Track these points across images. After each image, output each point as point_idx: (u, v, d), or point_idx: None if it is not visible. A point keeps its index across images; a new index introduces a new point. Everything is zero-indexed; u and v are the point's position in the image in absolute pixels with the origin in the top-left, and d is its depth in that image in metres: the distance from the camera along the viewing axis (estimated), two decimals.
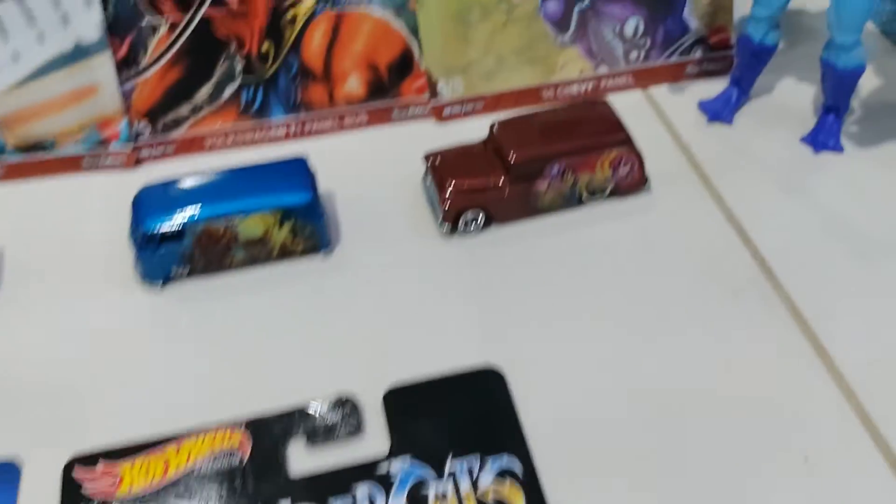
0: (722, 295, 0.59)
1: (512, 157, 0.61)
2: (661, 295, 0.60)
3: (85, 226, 0.67)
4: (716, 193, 0.66)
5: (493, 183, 0.62)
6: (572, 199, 0.64)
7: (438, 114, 0.73)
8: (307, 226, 0.60)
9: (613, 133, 0.63)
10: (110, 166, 0.70)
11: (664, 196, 0.66)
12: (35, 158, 0.69)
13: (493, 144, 0.64)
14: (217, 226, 0.59)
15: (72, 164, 0.70)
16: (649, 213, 0.65)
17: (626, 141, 0.63)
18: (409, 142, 0.72)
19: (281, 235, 0.60)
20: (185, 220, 0.58)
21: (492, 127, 0.64)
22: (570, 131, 0.63)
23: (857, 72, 0.65)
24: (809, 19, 0.81)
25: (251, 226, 0.59)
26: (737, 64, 0.71)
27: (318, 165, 0.67)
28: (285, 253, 0.62)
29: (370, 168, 0.70)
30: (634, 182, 0.65)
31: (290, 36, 0.69)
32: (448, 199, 0.62)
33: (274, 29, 0.69)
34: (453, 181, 0.62)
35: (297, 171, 0.61)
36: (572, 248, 0.63)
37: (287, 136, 0.72)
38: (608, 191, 0.65)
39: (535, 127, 0.63)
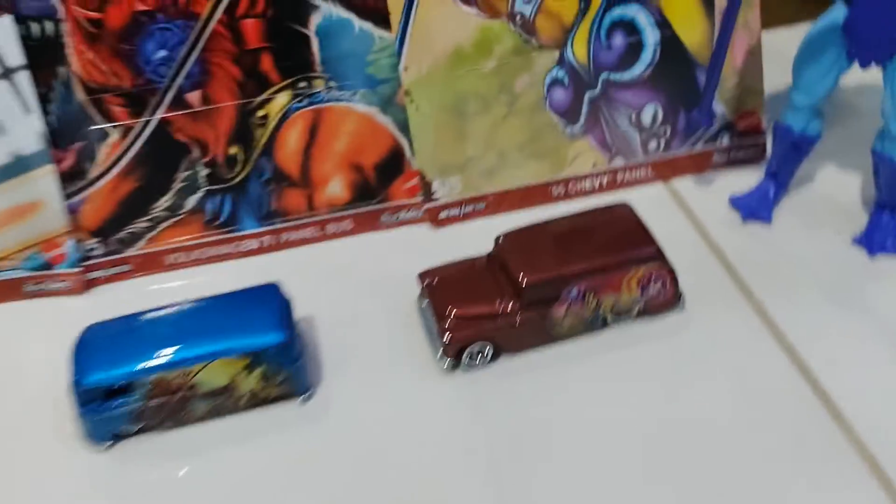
0: (777, 436, 0.50)
1: (523, 280, 0.52)
2: (701, 435, 0.50)
3: (24, 365, 0.57)
4: (760, 308, 0.57)
5: (502, 310, 0.53)
6: (595, 324, 0.55)
7: (434, 217, 0.64)
8: (281, 370, 0.51)
9: (641, 247, 0.54)
10: (56, 291, 0.61)
11: (700, 313, 0.57)
12: None
13: (500, 262, 0.54)
14: (172, 376, 0.49)
15: (11, 291, 0.60)
16: (684, 334, 0.55)
17: (657, 256, 0.54)
18: (402, 250, 0.63)
19: (249, 383, 0.51)
20: (133, 373, 0.48)
21: (497, 240, 0.55)
22: (590, 246, 0.54)
23: None
24: (853, 95, 0.72)
25: (213, 374, 0.50)
26: (773, 155, 0.62)
27: (295, 283, 0.58)
28: (255, 402, 0.52)
29: (356, 285, 0.61)
30: (666, 301, 0.55)
31: (262, 138, 0.60)
32: (449, 331, 0.52)
33: (242, 130, 0.60)
34: (454, 310, 0.53)
35: (268, 304, 0.52)
36: (596, 379, 0.53)
37: (260, 248, 0.63)
38: (635, 311, 0.55)
39: (548, 240, 0.54)
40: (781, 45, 0.69)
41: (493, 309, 0.53)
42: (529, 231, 0.55)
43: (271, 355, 0.50)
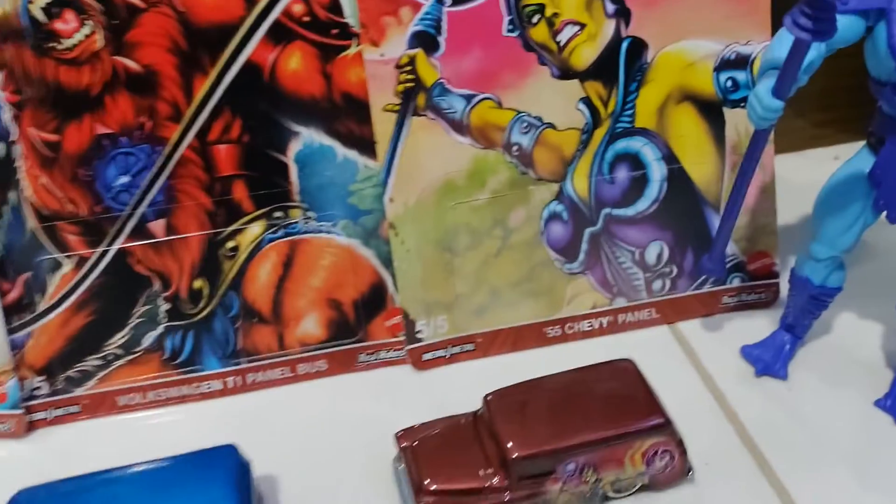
0: None
1: (514, 454, 0.46)
2: None
3: None
4: (778, 483, 0.51)
5: (488, 486, 0.47)
6: (593, 500, 0.48)
7: (417, 359, 0.58)
8: None
9: (647, 416, 0.48)
10: None
11: (711, 487, 0.51)
12: None
13: (488, 426, 0.48)
14: None
15: None
16: None
17: (665, 427, 0.48)
18: (381, 395, 0.57)
19: None
20: None
21: (486, 399, 0.49)
22: (589, 413, 0.48)
23: None
24: (876, 237, 0.68)
25: None
26: (790, 307, 0.57)
27: (260, 432, 0.52)
28: None
29: (328, 436, 0.54)
30: (674, 475, 0.49)
31: (231, 270, 0.55)
32: None
33: (209, 263, 0.55)
34: (433, 484, 0.47)
35: (221, 474, 0.45)
36: None
37: (224, 390, 0.57)
38: (638, 486, 0.49)
39: (542, 404, 0.48)
40: (791, 174, 0.65)
41: (478, 483, 0.47)
42: (522, 391, 0.50)
43: None
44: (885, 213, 0.50)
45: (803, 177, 0.63)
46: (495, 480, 0.47)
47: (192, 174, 0.53)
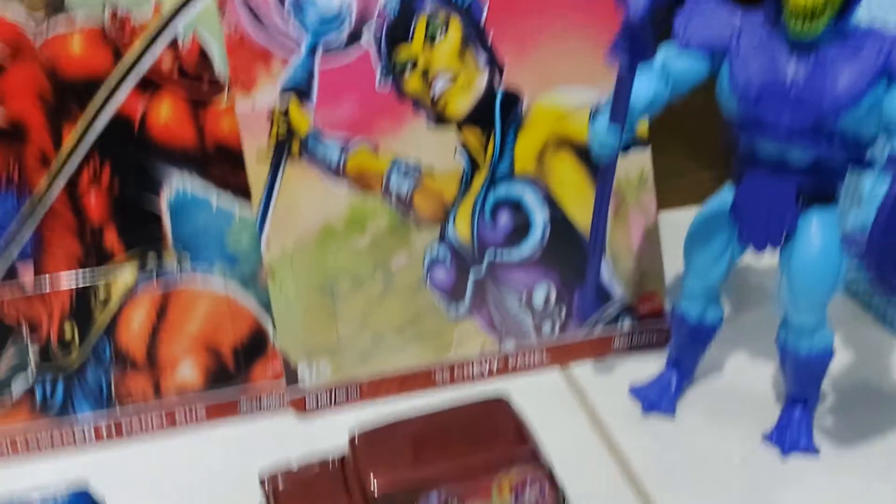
0: None
1: (373, 486, 0.45)
2: None
3: None
4: None
5: None
6: None
7: (300, 405, 0.57)
8: None
9: (513, 445, 0.47)
10: None
11: None
12: None
13: (353, 465, 0.47)
14: None
15: None
16: None
17: (531, 457, 0.47)
18: (261, 442, 0.56)
19: None
20: None
21: (352, 439, 0.48)
22: (455, 445, 0.47)
23: (824, 358, 0.51)
24: (761, 277, 0.68)
25: None
26: (673, 344, 0.57)
27: (134, 483, 0.51)
28: None
29: (199, 485, 0.53)
30: None
31: (103, 319, 0.54)
32: None
33: (80, 310, 0.54)
34: None
35: None
36: None
37: (98, 437, 0.55)
38: None
39: (407, 439, 0.47)
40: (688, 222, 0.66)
41: None
42: (389, 428, 0.48)
43: None
44: (750, 243, 0.51)
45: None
46: None
47: (63, 222, 0.53)
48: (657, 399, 0.56)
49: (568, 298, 0.60)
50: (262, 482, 0.48)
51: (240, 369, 0.57)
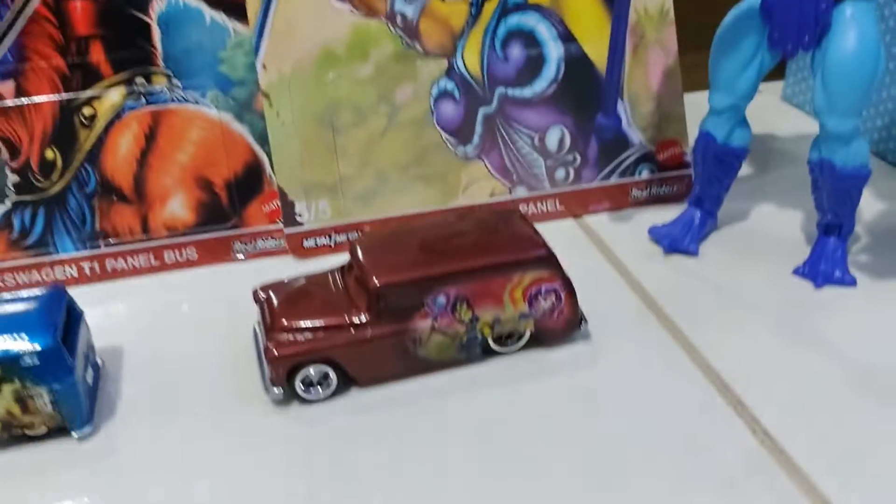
0: (715, 489, 0.37)
1: (375, 283, 0.41)
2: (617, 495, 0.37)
3: None
4: (686, 343, 0.45)
5: (348, 322, 0.41)
6: (472, 348, 0.43)
7: (297, 246, 0.54)
8: (43, 390, 0.38)
9: (527, 248, 0.43)
10: None
11: (609, 344, 0.45)
12: None
13: (355, 269, 0.43)
14: None
15: None
16: (591, 369, 0.44)
17: (546, 260, 0.43)
18: (256, 284, 0.52)
19: (2, 404, 0.38)
20: None
21: (352, 244, 0.44)
22: (463, 247, 0.43)
23: (862, 174, 0.47)
24: (780, 139, 0.65)
25: None
26: (697, 176, 0.53)
27: (116, 319, 0.47)
28: (13, 433, 0.39)
29: (190, 321, 0.49)
30: (563, 322, 0.44)
31: (87, 140, 0.51)
32: (275, 346, 0.41)
33: (63, 131, 0.50)
34: (284, 320, 0.41)
35: (41, 307, 0.40)
36: (472, 422, 0.41)
37: (80, 276, 0.52)
38: (526, 335, 0.44)
39: (414, 240, 0.43)
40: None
41: (337, 320, 0.41)
42: (392, 232, 0.45)
43: (30, 367, 0.37)
44: (780, 49, 0.47)
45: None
46: (359, 317, 0.41)
47: (46, 32, 0.49)
48: (679, 236, 0.53)
49: (583, 144, 0.56)
50: (255, 292, 0.45)
51: (234, 207, 0.53)
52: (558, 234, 0.55)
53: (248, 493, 0.37)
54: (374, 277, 0.41)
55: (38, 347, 0.37)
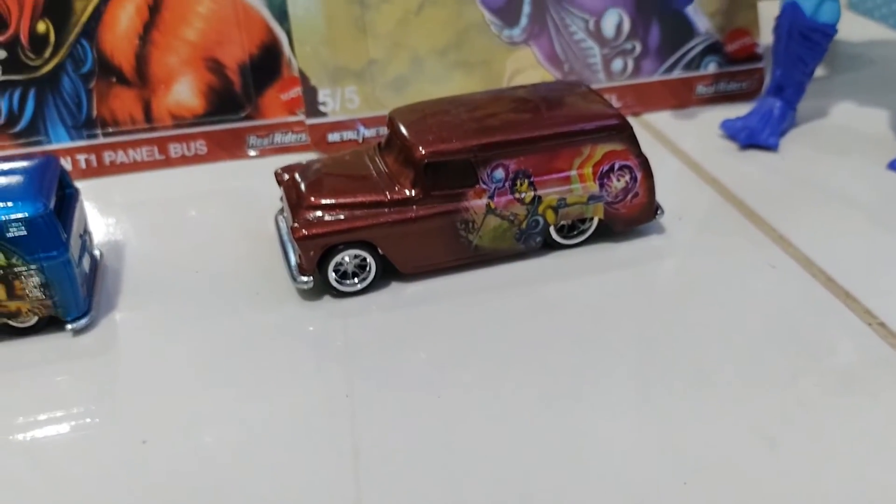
0: (836, 384, 0.31)
1: (421, 151, 0.35)
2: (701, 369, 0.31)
3: None
4: (777, 236, 0.39)
5: (389, 199, 0.35)
6: (532, 235, 0.37)
7: (320, 139, 0.47)
8: (33, 268, 0.32)
9: (600, 117, 0.37)
10: None
11: (690, 237, 0.39)
12: None
13: (395, 143, 0.37)
14: None
15: None
16: (667, 261, 0.38)
17: (621, 130, 0.37)
18: (271, 182, 0.46)
19: None
20: None
21: (392, 114, 0.38)
22: (525, 113, 0.36)
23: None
24: (858, 47, 0.58)
25: None
26: (777, 59, 0.46)
27: (116, 213, 0.41)
28: None
29: (199, 217, 0.43)
30: (637, 209, 0.38)
31: (83, 12, 0.44)
32: (304, 227, 0.34)
33: (57, 1, 0.44)
34: (314, 198, 0.35)
35: (32, 176, 0.34)
36: (528, 318, 0.34)
37: (74, 169, 0.45)
38: (594, 223, 0.37)
39: (466, 109, 0.37)
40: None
41: (376, 197, 0.35)
42: (436, 104, 0.38)
43: (16, 239, 0.31)
44: None
45: None
46: (401, 193, 0.35)
47: None
48: (758, 129, 0.46)
49: (643, 31, 0.50)
50: (277, 173, 0.38)
51: (248, 94, 0.46)
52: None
53: (270, 399, 0.31)
54: (421, 147, 0.35)
55: (25, 215, 0.31)
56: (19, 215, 0.31)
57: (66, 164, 0.45)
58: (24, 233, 0.31)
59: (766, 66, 0.52)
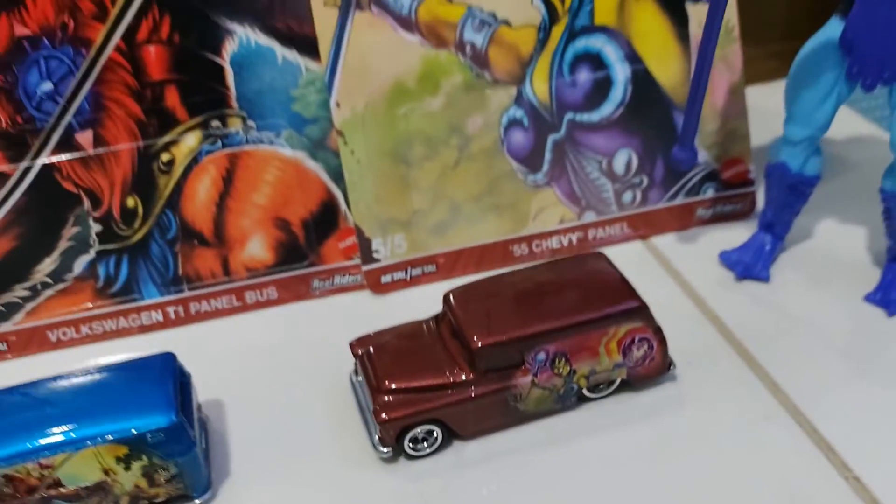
0: None
1: (477, 342, 0.42)
2: None
3: None
4: (769, 380, 0.47)
5: (452, 381, 0.42)
6: (568, 397, 0.44)
7: (375, 282, 0.54)
8: (169, 464, 0.39)
9: (621, 301, 0.44)
10: None
11: (698, 387, 0.47)
12: None
13: (450, 323, 0.44)
14: (25, 469, 0.38)
15: None
16: (680, 412, 0.45)
17: (640, 311, 0.44)
18: (337, 323, 0.53)
19: (130, 479, 0.39)
20: None
21: (447, 298, 0.45)
22: (559, 301, 0.44)
23: None
24: (845, 147, 0.65)
25: (81, 467, 0.38)
26: (768, 203, 0.54)
27: (206, 363, 0.48)
28: None
29: (280, 366, 0.50)
30: (654, 368, 0.45)
31: (166, 186, 0.51)
32: (385, 409, 0.42)
33: (143, 178, 0.50)
34: (392, 383, 0.42)
35: (156, 378, 0.41)
36: (573, 469, 0.42)
37: (165, 322, 0.52)
38: (617, 382, 0.45)
39: (508, 296, 0.44)
40: (763, 101, 0.62)
41: (441, 380, 0.42)
42: (487, 284, 0.46)
43: (156, 443, 0.39)
44: (859, 82, 0.47)
45: (766, 104, 0.61)
46: (461, 376, 0.42)
47: (121, 80, 0.49)
48: (751, 263, 0.53)
49: (650, 166, 0.57)
50: (352, 345, 0.46)
51: (311, 245, 0.53)
52: (628, 258, 0.56)
53: None
54: (476, 337, 0.42)
55: (162, 425, 0.39)
56: (157, 427, 0.39)
57: (158, 315, 0.52)
58: (163, 438, 0.39)
59: (757, 185, 0.59)
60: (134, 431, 0.38)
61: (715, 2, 0.46)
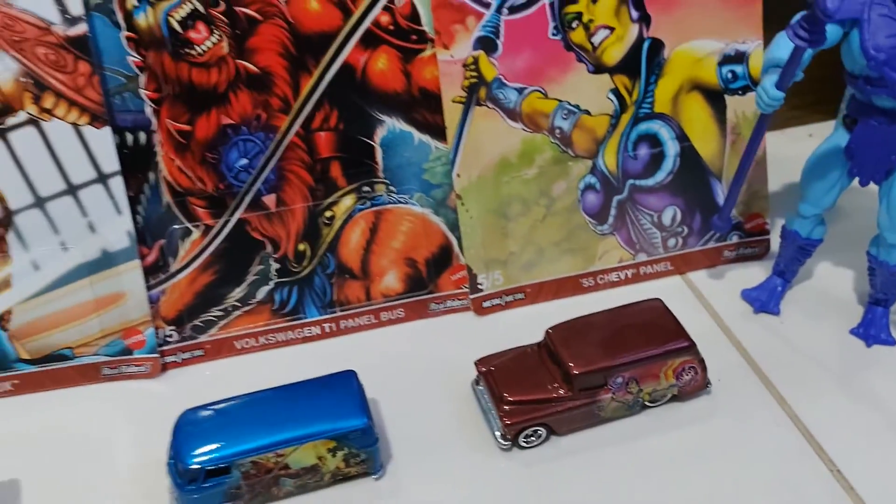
0: None
1: (575, 370, 0.59)
2: None
3: (111, 443, 0.62)
4: (778, 394, 0.64)
5: (555, 397, 0.59)
6: (634, 408, 0.61)
7: (478, 306, 0.71)
8: (360, 452, 0.56)
9: (677, 341, 0.60)
10: (132, 375, 0.66)
11: (726, 399, 0.63)
12: (51, 369, 0.64)
13: (551, 352, 0.61)
14: (266, 457, 0.54)
15: (89, 374, 0.65)
16: (713, 418, 0.62)
17: (691, 348, 0.61)
18: (449, 336, 0.69)
19: (334, 463, 0.56)
20: (234, 455, 0.53)
21: (548, 333, 0.62)
22: (632, 340, 0.60)
23: None
24: (845, 199, 0.81)
25: (303, 455, 0.55)
26: (781, 256, 0.70)
27: (355, 365, 0.63)
28: (336, 479, 0.57)
29: (410, 369, 0.66)
30: (696, 387, 0.62)
31: (328, 236, 0.67)
32: (508, 416, 0.58)
33: (311, 229, 0.66)
34: (513, 398, 0.59)
35: (348, 390, 0.57)
36: (634, 461, 0.59)
37: (321, 334, 0.69)
38: (669, 396, 0.62)
39: (593, 333, 0.61)
40: (774, 149, 0.78)
41: (546, 395, 0.59)
42: (576, 324, 0.62)
43: (353, 439, 0.55)
44: (857, 179, 0.63)
45: (784, 151, 0.77)
46: (560, 392, 0.59)
47: (298, 156, 0.64)
48: (766, 301, 0.70)
49: (690, 219, 0.73)
50: (477, 363, 0.62)
51: (430, 277, 0.69)
52: (670, 291, 0.73)
53: None
54: (574, 365, 0.59)
55: (358, 426, 0.55)
56: (355, 427, 0.55)
57: (316, 329, 0.68)
58: (358, 434, 0.55)
59: (773, 234, 0.75)
60: (340, 431, 0.55)
61: (763, 117, 0.61)
